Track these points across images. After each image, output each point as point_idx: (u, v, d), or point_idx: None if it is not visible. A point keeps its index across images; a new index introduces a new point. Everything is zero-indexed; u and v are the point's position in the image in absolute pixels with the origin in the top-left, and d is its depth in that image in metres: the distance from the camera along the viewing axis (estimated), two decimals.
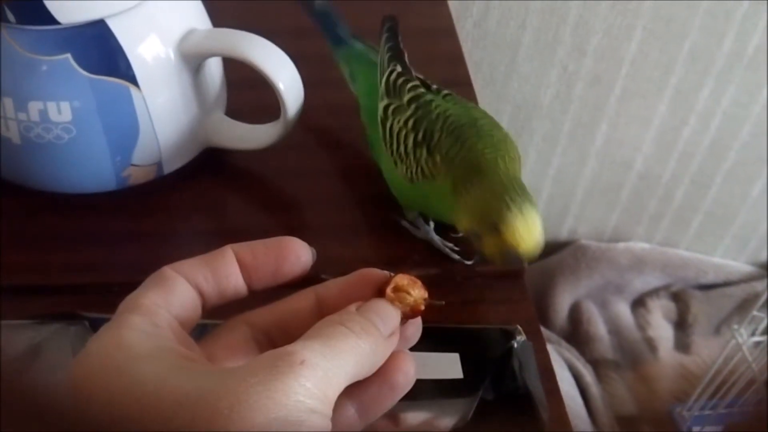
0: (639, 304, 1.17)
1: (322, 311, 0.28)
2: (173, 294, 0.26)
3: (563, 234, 1.19)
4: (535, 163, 1.08)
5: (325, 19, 0.53)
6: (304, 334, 0.25)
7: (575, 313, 1.13)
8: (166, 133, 0.46)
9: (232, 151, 0.51)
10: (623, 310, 1.15)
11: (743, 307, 1.14)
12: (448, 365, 0.39)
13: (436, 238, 0.47)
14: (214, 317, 0.29)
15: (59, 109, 0.42)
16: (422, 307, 0.28)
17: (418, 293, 0.28)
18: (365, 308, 0.27)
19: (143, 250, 0.47)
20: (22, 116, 0.43)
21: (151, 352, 0.24)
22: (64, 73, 0.42)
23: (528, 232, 0.37)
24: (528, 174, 1.09)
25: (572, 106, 1.01)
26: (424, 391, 0.39)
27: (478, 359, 0.39)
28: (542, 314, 1.14)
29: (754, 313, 0.85)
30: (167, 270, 0.27)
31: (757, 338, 0.88)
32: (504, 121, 1.01)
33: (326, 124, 0.55)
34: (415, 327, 0.29)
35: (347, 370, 0.24)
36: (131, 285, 0.45)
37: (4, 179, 0.47)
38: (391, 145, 0.45)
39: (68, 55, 0.41)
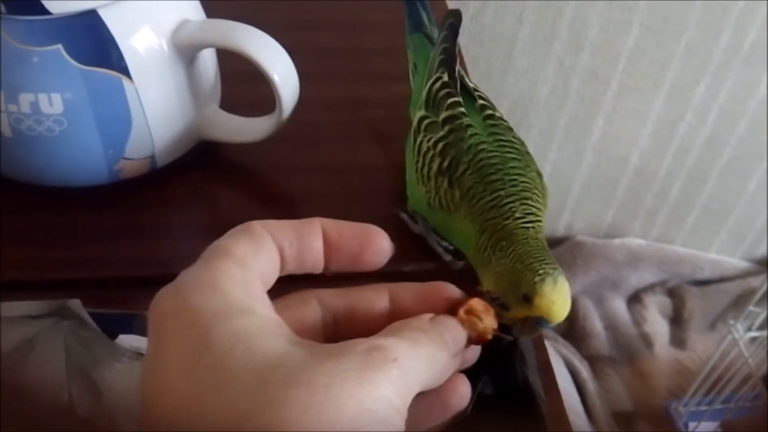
0: (635, 299, 1.17)
1: (392, 312, 0.28)
2: (262, 249, 0.25)
3: (560, 230, 1.19)
4: None
5: (410, 4, 0.52)
6: (384, 330, 0.25)
7: (571, 309, 1.12)
8: (160, 125, 0.46)
9: (226, 145, 0.50)
10: (619, 305, 1.15)
11: (739, 302, 1.15)
12: None
13: (433, 236, 0.46)
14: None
15: (50, 101, 0.42)
16: (489, 337, 0.28)
17: (489, 321, 0.28)
18: (439, 322, 0.26)
19: (137, 245, 0.46)
20: (12, 108, 0.42)
21: (244, 306, 0.23)
22: (55, 64, 0.41)
23: (561, 301, 0.36)
24: None
25: (569, 101, 1.01)
26: None
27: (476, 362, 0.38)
28: None
29: (751, 308, 0.85)
30: (257, 225, 0.26)
31: (753, 333, 0.88)
32: None
33: (322, 118, 0.55)
34: (474, 351, 0.29)
35: (424, 377, 0.24)
36: (125, 279, 0.45)
37: None
38: (417, 162, 0.43)
39: (59, 46, 0.41)
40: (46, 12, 0.40)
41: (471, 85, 0.45)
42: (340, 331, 0.26)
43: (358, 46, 0.62)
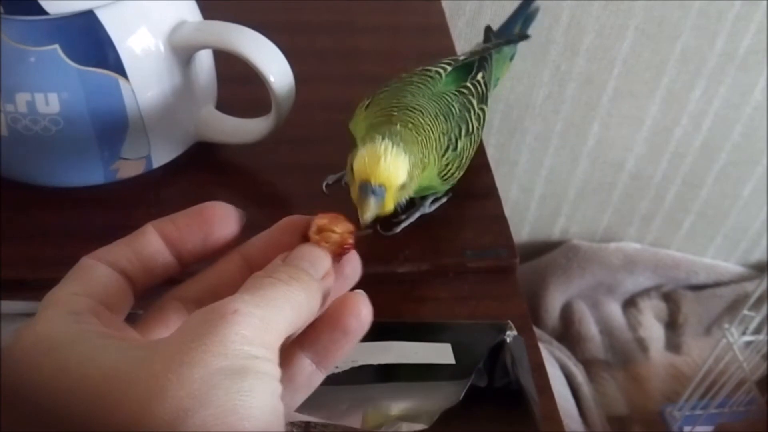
0: (630, 304, 1.17)
1: (252, 270, 0.26)
2: (93, 280, 0.25)
3: (555, 234, 1.20)
4: (528, 162, 1.08)
5: (517, 17, 0.57)
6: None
7: (567, 312, 1.13)
8: (156, 125, 0.46)
9: (222, 145, 0.50)
10: (615, 310, 1.15)
11: (734, 307, 1.15)
12: (440, 354, 0.39)
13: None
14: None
15: (47, 101, 0.42)
16: (350, 241, 0.27)
17: (342, 228, 0.27)
18: (291, 256, 0.26)
19: None
20: (9, 107, 0.42)
21: (71, 338, 0.23)
22: (52, 64, 0.41)
23: (374, 157, 0.38)
24: (520, 174, 1.09)
25: (564, 106, 1.01)
26: (415, 373, 0.38)
27: (470, 353, 0.39)
28: (534, 314, 1.14)
29: (745, 312, 0.85)
30: (84, 259, 0.26)
31: (747, 338, 0.88)
32: (496, 120, 1.01)
33: (318, 119, 0.55)
34: (353, 265, 0.28)
35: (284, 316, 0.23)
36: None
37: None
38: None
39: (56, 46, 0.41)
40: (43, 12, 0.40)
41: (484, 81, 0.49)
42: None
43: (353, 48, 0.62)
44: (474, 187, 0.50)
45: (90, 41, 0.42)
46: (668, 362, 1.07)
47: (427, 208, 0.48)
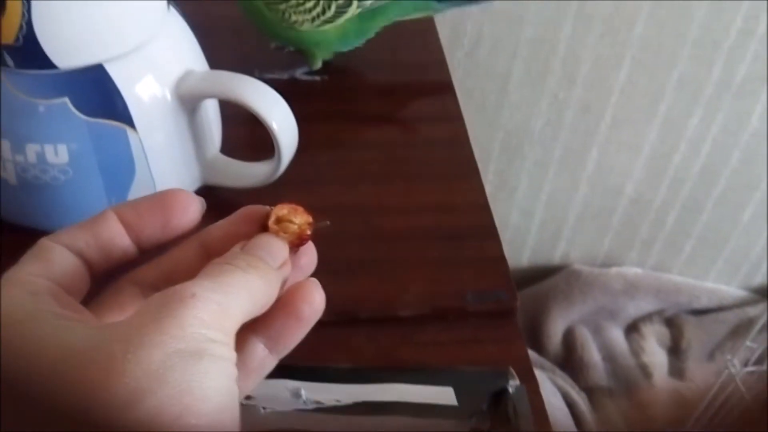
0: (632, 329, 1.17)
1: (210, 257, 0.27)
2: (51, 262, 0.26)
3: (556, 259, 1.20)
4: (528, 188, 1.09)
5: None
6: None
7: (569, 338, 1.14)
8: (162, 172, 0.47)
9: (226, 188, 0.51)
10: (617, 335, 1.15)
11: (736, 332, 1.15)
12: (442, 396, 0.40)
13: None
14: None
15: (56, 152, 0.43)
16: (308, 233, 0.27)
17: (301, 219, 0.27)
18: (249, 245, 0.26)
19: None
20: (19, 158, 0.43)
21: (29, 317, 0.23)
22: (61, 116, 0.42)
23: None
24: (520, 199, 1.10)
25: (563, 133, 1.02)
26: (417, 411, 0.39)
27: (472, 398, 0.39)
28: (536, 340, 1.14)
29: (747, 343, 0.86)
30: (43, 240, 0.26)
31: (750, 368, 0.89)
32: (495, 147, 1.02)
33: (320, 160, 0.56)
34: (309, 256, 0.28)
35: (241, 303, 0.24)
36: None
37: (2, 218, 0.48)
38: None
39: (66, 99, 0.42)
40: (53, 66, 0.41)
41: None
42: None
43: (353, 87, 0.63)
44: (473, 229, 0.51)
45: (99, 94, 0.43)
46: (672, 388, 1.08)
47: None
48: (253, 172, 0.50)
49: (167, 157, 0.47)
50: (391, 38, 0.62)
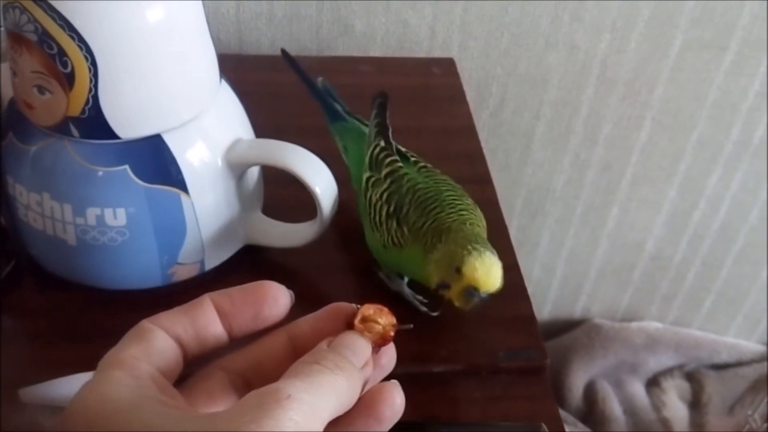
0: (653, 383, 1.18)
1: (296, 350, 0.28)
2: (152, 346, 0.27)
3: (577, 313, 1.21)
4: (549, 243, 1.11)
5: (324, 97, 0.60)
6: (282, 376, 0.25)
7: (590, 392, 1.14)
8: (210, 233, 0.50)
9: (269, 248, 0.54)
10: (638, 389, 1.16)
11: (756, 387, 1.15)
12: None
13: (407, 290, 0.52)
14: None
15: (115, 215, 0.46)
16: (392, 334, 0.28)
17: (385, 320, 0.28)
18: (336, 343, 0.27)
19: None
20: (79, 221, 0.46)
21: (134, 403, 0.24)
22: (121, 182, 0.45)
23: (486, 270, 0.44)
24: (542, 254, 1.12)
25: (584, 191, 1.04)
26: None
27: None
28: (557, 393, 1.15)
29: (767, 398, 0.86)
30: (146, 323, 0.27)
31: None
32: (518, 204, 1.05)
33: (358, 221, 0.59)
34: (389, 355, 0.29)
35: (330, 403, 0.25)
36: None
37: (57, 276, 0.51)
38: (370, 213, 0.51)
39: (126, 167, 0.45)
40: (115, 137, 0.44)
41: (403, 149, 0.54)
42: (255, 387, 0.25)
43: None
44: (505, 288, 0.53)
45: (156, 162, 0.46)
46: None
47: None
48: (294, 233, 0.53)
49: (216, 219, 0.49)
50: (421, 107, 0.64)
